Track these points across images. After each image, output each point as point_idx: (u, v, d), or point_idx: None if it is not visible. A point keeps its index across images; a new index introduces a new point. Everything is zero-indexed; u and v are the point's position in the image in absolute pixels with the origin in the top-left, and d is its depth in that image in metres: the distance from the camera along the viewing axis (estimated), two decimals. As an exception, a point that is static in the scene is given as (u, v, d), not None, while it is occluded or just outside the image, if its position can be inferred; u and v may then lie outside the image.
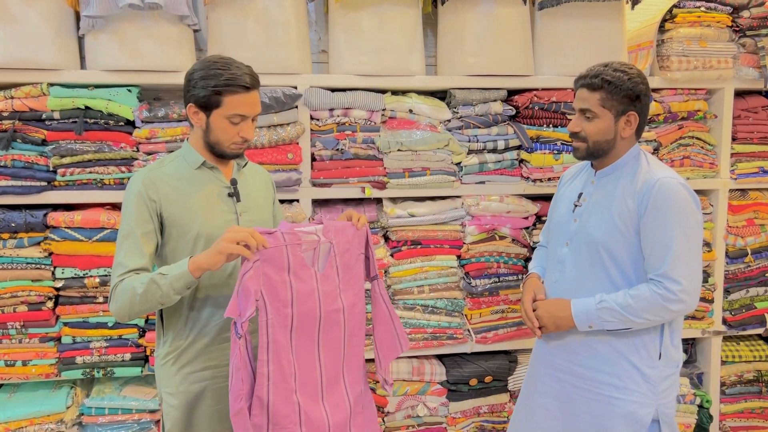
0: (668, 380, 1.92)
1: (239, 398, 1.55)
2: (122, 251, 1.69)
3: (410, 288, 2.70)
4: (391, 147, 2.62)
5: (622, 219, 1.86)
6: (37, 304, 2.45)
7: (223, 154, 1.78)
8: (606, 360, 1.92)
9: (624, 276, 1.89)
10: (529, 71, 2.76)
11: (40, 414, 2.44)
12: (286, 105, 2.53)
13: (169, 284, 1.59)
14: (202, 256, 1.58)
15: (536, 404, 2.08)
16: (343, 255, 1.75)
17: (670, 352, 1.92)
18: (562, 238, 2.04)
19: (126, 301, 1.63)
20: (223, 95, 1.68)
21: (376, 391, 2.71)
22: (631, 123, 1.90)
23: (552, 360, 2.04)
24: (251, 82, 1.71)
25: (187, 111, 1.74)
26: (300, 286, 1.63)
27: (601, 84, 1.87)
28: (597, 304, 1.87)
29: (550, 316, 1.96)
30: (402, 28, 2.65)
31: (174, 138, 2.47)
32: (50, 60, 2.41)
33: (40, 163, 2.42)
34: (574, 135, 1.96)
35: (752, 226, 2.97)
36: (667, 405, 1.91)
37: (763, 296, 3.01)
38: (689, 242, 1.81)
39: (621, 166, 1.94)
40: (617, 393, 1.90)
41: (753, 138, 2.96)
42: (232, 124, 1.72)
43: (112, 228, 2.44)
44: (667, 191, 1.81)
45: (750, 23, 2.85)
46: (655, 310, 1.81)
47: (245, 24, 2.53)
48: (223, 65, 1.70)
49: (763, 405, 3.07)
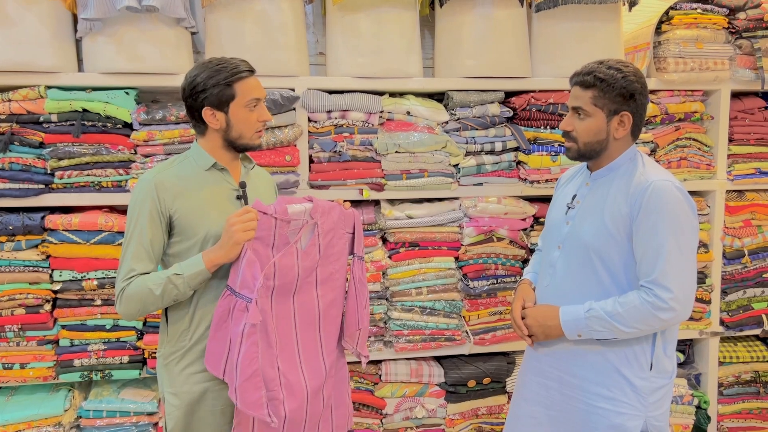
0: (659, 392, 1.84)
1: (253, 360, 1.62)
2: (129, 253, 1.71)
3: (408, 290, 2.70)
4: (389, 149, 2.62)
5: (614, 222, 1.79)
6: (35, 306, 2.44)
7: (247, 146, 1.82)
8: (595, 369, 1.85)
9: (615, 281, 1.82)
10: (527, 73, 2.77)
11: (38, 417, 2.44)
12: (283, 107, 2.53)
13: (186, 283, 1.67)
14: (217, 252, 1.67)
15: (523, 412, 2.03)
16: (327, 234, 1.81)
17: (662, 362, 1.84)
18: (554, 241, 1.98)
19: (139, 301, 1.68)
20: (234, 84, 1.74)
21: (374, 393, 2.71)
22: (625, 124, 1.82)
23: (540, 368, 1.98)
24: (251, 67, 1.80)
25: (204, 116, 1.76)
26: (281, 262, 1.70)
27: (594, 81, 1.80)
28: (585, 313, 1.80)
29: (539, 325, 1.90)
30: (399, 30, 2.65)
31: (172, 140, 2.47)
32: (48, 63, 2.41)
33: (37, 165, 2.42)
34: (566, 134, 1.90)
35: (749, 227, 2.98)
36: (657, 417, 1.84)
37: (760, 297, 3.01)
38: (682, 248, 1.73)
39: (616, 168, 1.87)
40: (605, 404, 1.83)
41: (750, 139, 2.97)
42: (250, 111, 1.77)
43: (110, 231, 2.44)
44: (661, 194, 1.73)
45: (746, 25, 2.86)
46: (645, 319, 1.73)
47: (243, 26, 2.53)
48: (220, 61, 1.76)
49: (760, 405, 3.07)
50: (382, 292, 2.70)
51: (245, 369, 1.61)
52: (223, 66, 1.74)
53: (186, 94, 1.76)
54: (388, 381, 2.72)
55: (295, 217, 1.72)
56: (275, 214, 1.69)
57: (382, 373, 2.73)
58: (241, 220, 1.63)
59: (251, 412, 1.64)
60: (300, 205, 1.74)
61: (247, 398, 1.63)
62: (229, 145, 1.80)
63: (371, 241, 2.67)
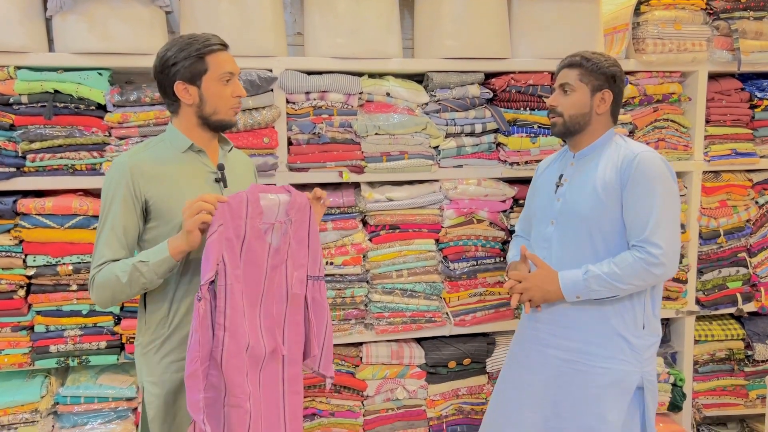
0: (651, 349, 2.04)
1: (194, 360, 1.55)
2: (102, 239, 1.68)
3: (389, 272, 2.70)
4: (369, 131, 2.60)
5: (606, 192, 1.96)
6: (8, 292, 2.39)
7: (222, 122, 1.77)
8: (593, 331, 2.01)
9: (608, 249, 1.99)
10: (506, 54, 2.76)
11: (14, 404, 2.40)
12: (261, 88, 2.49)
13: (152, 270, 1.61)
14: (178, 239, 1.61)
15: (522, 380, 2.14)
16: (297, 231, 1.77)
17: (652, 322, 2.03)
18: (546, 217, 2.12)
19: (108, 289, 1.64)
20: (206, 57, 1.71)
21: (355, 375, 2.72)
22: (606, 100, 2.02)
23: (537, 335, 2.11)
24: (223, 41, 1.76)
25: (176, 91, 1.72)
26: (249, 257, 1.65)
27: (580, 61, 2.02)
28: (584, 275, 1.95)
29: (539, 288, 2.03)
30: (378, 10, 2.62)
31: (147, 122, 2.42)
32: (17, 42, 2.34)
33: (8, 148, 2.36)
34: (552, 110, 2.07)
35: (725, 208, 3.02)
36: (650, 372, 2.02)
37: (735, 276, 3.06)
38: (668, 210, 1.92)
39: (598, 147, 2.06)
40: (605, 363, 1.99)
41: (726, 120, 3.00)
42: (224, 85, 1.74)
43: (85, 215, 2.39)
44: (648, 163, 1.93)
45: (724, 6, 2.87)
46: (639, 275, 1.90)
47: (218, 5, 2.48)
48: (191, 35, 1.73)
49: (734, 382, 3.14)
50: (363, 274, 2.69)
51: (188, 365, 1.56)
52: (194, 39, 1.71)
53: (157, 70, 1.72)
54: (368, 363, 2.73)
55: (268, 210, 1.67)
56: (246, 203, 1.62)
57: (363, 355, 2.73)
58: (190, 205, 1.58)
59: (190, 411, 1.56)
60: (275, 196, 1.69)
61: (189, 397, 1.56)
62: (204, 122, 1.76)
63: (351, 224, 2.65)
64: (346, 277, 2.67)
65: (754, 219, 3.06)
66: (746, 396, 3.14)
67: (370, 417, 2.76)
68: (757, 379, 3.14)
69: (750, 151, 3.00)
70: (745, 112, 3.02)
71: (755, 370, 3.14)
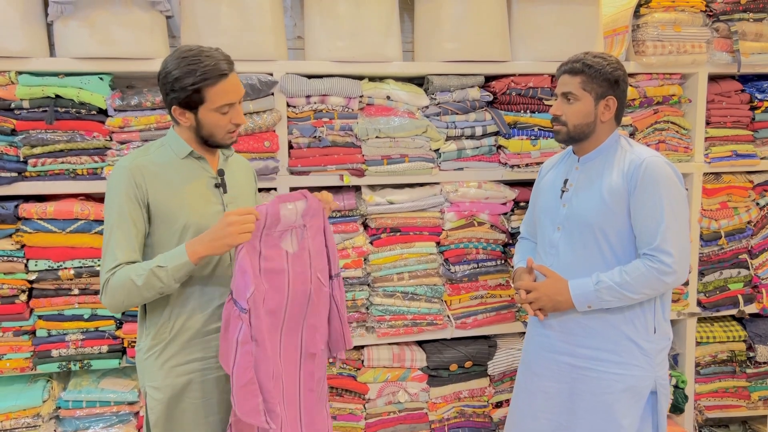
0: (663, 353, 2.02)
1: (248, 369, 1.60)
2: (112, 242, 1.66)
3: (390, 275, 2.70)
4: (369, 134, 2.61)
5: (612, 197, 1.93)
6: (10, 297, 2.40)
7: (219, 145, 1.77)
8: (604, 338, 1.98)
9: (615, 255, 1.96)
10: (506, 57, 2.76)
11: (16, 408, 2.41)
12: (261, 92, 2.50)
13: (170, 275, 1.61)
14: (203, 246, 1.61)
15: (536, 388, 2.12)
16: (315, 237, 1.79)
17: (662, 326, 2.01)
18: (552, 223, 2.09)
19: (123, 293, 1.63)
20: (204, 90, 1.65)
21: (356, 378, 2.72)
22: (610, 107, 1.98)
23: (549, 343, 2.09)
24: (226, 67, 1.67)
25: (173, 114, 1.71)
26: (268, 265, 1.68)
27: (582, 68, 1.95)
28: (595, 285, 1.92)
29: (549, 299, 2.00)
30: (378, 14, 2.62)
31: (148, 126, 2.43)
32: (18, 47, 2.35)
33: (9, 153, 2.36)
34: (556, 119, 2.03)
35: (725, 209, 3.02)
36: (662, 376, 2.00)
37: (736, 278, 3.06)
38: (677, 217, 1.89)
39: (603, 151, 2.02)
40: (618, 369, 1.97)
41: (726, 122, 3.00)
42: (221, 115, 1.70)
43: (87, 219, 2.40)
44: (655, 169, 1.89)
45: (723, 8, 2.88)
46: (651, 284, 1.88)
47: (219, 9, 2.48)
48: (194, 59, 1.64)
49: (736, 384, 3.13)
50: (364, 278, 2.69)
51: (240, 377, 1.60)
52: (194, 67, 1.62)
53: (160, 81, 1.71)
54: (370, 366, 2.73)
55: (286, 219, 1.70)
56: (266, 217, 1.65)
57: (365, 359, 2.73)
58: (241, 220, 1.58)
59: (249, 419, 1.61)
60: (293, 205, 1.72)
61: (244, 405, 1.61)
62: (202, 141, 1.76)
63: (352, 227, 2.66)
64: (348, 280, 2.67)
65: (755, 220, 3.06)
66: (748, 398, 3.14)
67: (371, 420, 2.76)
68: (759, 380, 3.14)
69: (750, 152, 3.00)
70: (745, 113, 3.02)
71: (757, 372, 3.14)
